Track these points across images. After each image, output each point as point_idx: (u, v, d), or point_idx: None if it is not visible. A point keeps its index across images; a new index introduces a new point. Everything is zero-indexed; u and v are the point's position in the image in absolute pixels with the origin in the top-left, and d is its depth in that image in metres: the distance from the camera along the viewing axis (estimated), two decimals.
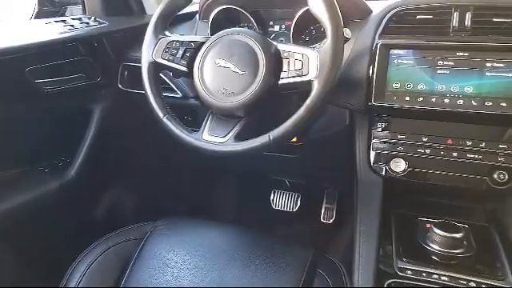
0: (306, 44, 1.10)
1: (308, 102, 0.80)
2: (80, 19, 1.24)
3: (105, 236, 0.99)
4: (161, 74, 1.08)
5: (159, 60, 0.91)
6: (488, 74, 0.86)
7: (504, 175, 0.86)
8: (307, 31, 1.10)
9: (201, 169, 1.56)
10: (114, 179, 1.42)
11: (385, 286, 0.74)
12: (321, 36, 1.07)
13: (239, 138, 0.85)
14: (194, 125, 0.95)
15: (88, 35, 1.18)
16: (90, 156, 1.25)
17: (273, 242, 0.98)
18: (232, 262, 0.89)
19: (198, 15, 1.21)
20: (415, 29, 0.92)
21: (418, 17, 0.92)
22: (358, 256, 0.79)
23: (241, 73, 0.84)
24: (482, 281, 0.74)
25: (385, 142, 0.95)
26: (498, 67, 0.85)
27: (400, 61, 0.92)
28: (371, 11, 1.01)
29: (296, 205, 1.58)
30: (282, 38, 1.13)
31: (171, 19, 0.97)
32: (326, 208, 1.56)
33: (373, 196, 0.91)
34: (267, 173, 1.59)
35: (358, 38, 0.96)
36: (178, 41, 0.91)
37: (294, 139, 1.12)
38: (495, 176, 0.87)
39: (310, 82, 0.81)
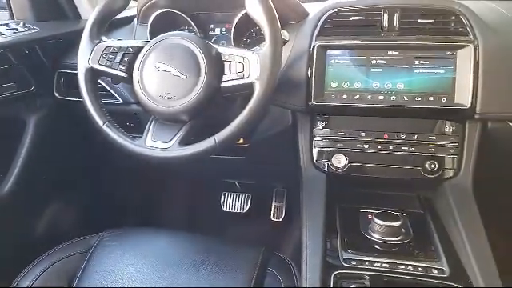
0: (248, 46, 1.11)
1: (251, 103, 0.81)
2: (7, 25, 1.17)
3: (47, 252, 0.94)
4: (100, 81, 1.05)
5: (96, 66, 0.88)
6: (416, 71, 0.92)
7: (435, 164, 0.93)
8: (248, 34, 1.12)
9: (147, 176, 1.52)
10: (54, 192, 1.35)
11: (331, 278, 0.77)
12: (261, 38, 1.08)
13: (184, 142, 0.84)
14: (138, 131, 0.93)
15: (17, 42, 1.11)
16: (25, 170, 1.18)
17: (223, 244, 0.98)
18: (182, 269, 0.88)
19: (136, 19, 1.18)
20: (349, 29, 0.97)
21: (351, 18, 0.97)
22: (306, 251, 0.81)
23: (182, 76, 0.83)
24: (419, 264, 0.79)
25: (326, 140, 0.98)
26: (425, 64, 0.92)
27: (337, 61, 0.96)
28: (308, 13, 1.04)
29: (246, 205, 1.59)
30: (223, 41, 1.14)
31: (108, 24, 0.94)
32: (275, 206, 1.59)
33: (317, 192, 0.94)
34: (217, 176, 1.59)
35: (296, 39, 0.99)
36: (115, 46, 0.89)
37: (241, 141, 1.13)
38: (427, 166, 0.93)
39: (251, 84, 0.82)
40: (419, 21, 0.93)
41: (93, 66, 0.88)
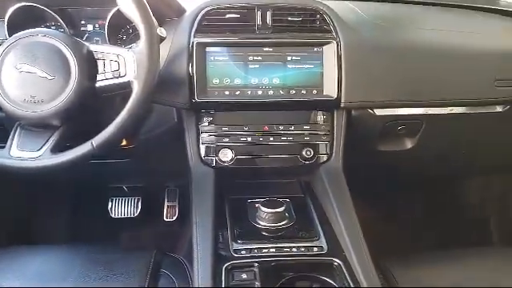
0: (124, 43, 1.07)
1: (130, 103, 0.79)
2: None
3: None
4: None
5: None
6: (290, 66, 0.99)
7: (310, 151, 1.01)
8: (124, 30, 1.07)
9: (20, 188, 1.37)
10: None
11: (223, 270, 0.79)
12: (138, 35, 1.05)
13: (57, 149, 0.78)
14: (1, 140, 0.83)
15: None
16: None
17: (112, 252, 0.94)
18: (68, 283, 0.82)
19: None
20: (226, 27, 0.99)
21: (227, 16, 1.00)
22: (196, 247, 0.82)
23: (50, 78, 0.77)
24: (302, 245, 0.86)
25: (212, 135, 1.00)
26: (297, 60, 0.99)
27: (216, 58, 0.98)
28: (185, 10, 1.04)
29: (137, 209, 1.54)
30: (97, 38, 1.07)
31: None
32: (168, 206, 1.56)
33: (206, 187, 0.95)
34: (101, 182, 1.50)
35: (175, 36, 0.98)
36: None
37: (124, 142, 1.09)
38: (304, 153, 1.01)
39: (129, 83, 0.79)
40: (289, 19, 1.00)
41: None
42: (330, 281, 0.80)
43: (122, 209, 1.54)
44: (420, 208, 1.58)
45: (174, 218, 1.55)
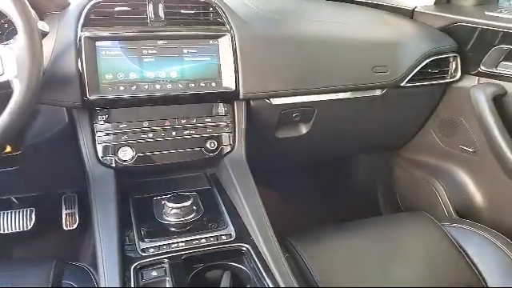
0: (1, 40, 0.96)
1: (12, 104, 0.72)
2: None
3: None
4: None
5: None
6: (186, 59, 0.98)
7: (214, 143, 1.02)
8: None
9: None
10: None
11: (131, 270, 0.76)
12: (15, 30, 0.96)
13: None
14: None
15: None
16: None
17: (6, 270, 0.85)
18: None
19: None
20: (117, 20, 0.95)
21: (116, 8, 0.96)
22: (101, 251, 0.78)
23: None
24: (211, 235, 0.87)
25: (109, 134, 0.95)
26: (193, 53, 0.99)
27: (108, 52, 0.94)
28: (68, 3, 0.97)
29: (30, 221, 1.40)
30: None
31: None
32: (66, 214, 1.45)
33: (107, 189, 0.91)
34: None
35: (59, 31, 0.91)
36: None
37: (8, 149, 0.99)
38: (208, 145, 1.02)
39: (9, 83, 0.72)
40: (182, 11, 0.99)
41: None
42: (240, 266, 0.83)
43: (13, 223, 1.39)
44: (318, 188, 1.71)
45: (75, 226, 1.45)
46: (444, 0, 1.36)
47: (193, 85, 0.98)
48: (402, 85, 1.20)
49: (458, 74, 1.26)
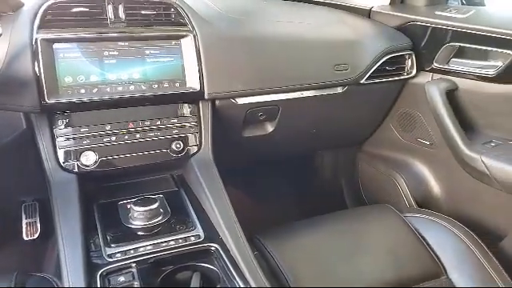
0: None
1: None
2: None
3: None
4: None
5: None
6: (148, 60, 0.97)
7: (180, 144, 1.02)
8: None
9: None
10: None
11: (97, 277, 0.75)
12: None
13: None
14: None
15: None
16: None
17: None
18: None
19: None
20: (75, 21, 0.93)
21: (74, 9, 0.93)
22: (65, 260, 0.76)
23: None
24: (179, 236, 0.87)
25: (70, 139, 0.93)
26: (156, 54, 0.98)
27: (67, 54, 0.91)
28: (22, 4, 0.94)
29: None
30: None
31: None
32: (27, 224, 1.39)
33: (69, 195, 0.88)
34: None
35: (13, 33, 0.88)
36: None
37: None
38: (173, 146, 1.01)
39: None
40: (143, 12, 0.98)
41: None
42: (210, 266, 0.83)
43: None
44: (285, 185, 1.73)
45: (36, 236, 1.39)
46: (398, 0, 1.41)
47: (156, 86, 0.97)
48: (361, 82, 1.24)
49: (414, 71, 1.31)
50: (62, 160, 0.92)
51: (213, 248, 0.85)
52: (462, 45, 1.19)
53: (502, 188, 1.11)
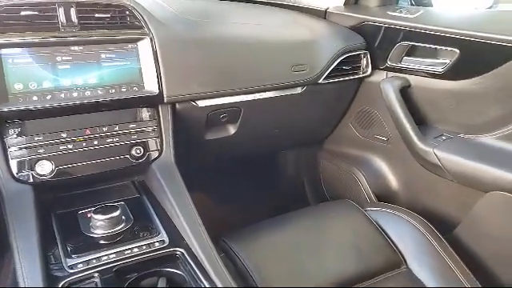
0: None
1: None
2: None
3: None
4: None
5: None
6: (105, 64, 0.95)
7: (140, 150, 1.00)
8: None
9: None
10: None
11: None
12: None
13: None
14: None
15: None
16: None
17: None
18: None
19: None
20: (24, 26, 0.89)
21: (22, 13, 0.89)
22: (22, 274, 0.73)
23: None
24: (143, 243, 0.85)
25: (23, 148, 0.89)
26: (112, 58, 0.95)
27: (16, 60, 0.87)
28: None
29: None
30: None
31: None
32: None
33: (24, 207, 0.84)
34: None
35: None
36: None
37: None
38: (133, 152, 0.99)
39: None
40: (97, 15, 0.95)
41: None
42: (176, 270, 0.82)
43: None
44: (249, 185, 1.74)
45: None
46: (352, 1, 1.45)
47: (113, 90, 0.95)
48: (319, 82, 1.27)
49: (369, 70, 1.36)
50: (15, 171, 0.88)
51: (178, 253, 0.84)
52: (413, 43, 1.25)
53: (454, 179, 1.17)
